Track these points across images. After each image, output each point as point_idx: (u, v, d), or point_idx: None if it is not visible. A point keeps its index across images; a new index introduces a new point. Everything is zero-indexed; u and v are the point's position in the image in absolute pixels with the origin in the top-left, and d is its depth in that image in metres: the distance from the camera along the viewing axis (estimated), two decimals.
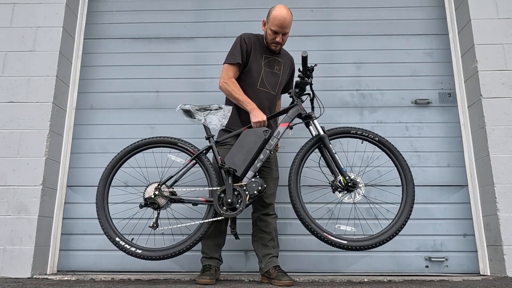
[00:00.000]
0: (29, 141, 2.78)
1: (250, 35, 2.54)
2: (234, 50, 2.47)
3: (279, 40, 2.46)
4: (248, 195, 2.23)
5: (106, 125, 3.11)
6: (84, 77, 3.20)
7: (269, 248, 2.45)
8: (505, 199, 2.65)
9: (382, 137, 2.38)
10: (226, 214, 2.22)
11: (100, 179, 2.38)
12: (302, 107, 2.41)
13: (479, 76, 2.84)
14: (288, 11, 2.44)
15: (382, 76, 3.15)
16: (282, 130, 2.35)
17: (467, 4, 2.99)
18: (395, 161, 2.35)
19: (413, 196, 2.28)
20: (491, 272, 2.71)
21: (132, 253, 2.24)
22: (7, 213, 2.66)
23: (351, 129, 2.37)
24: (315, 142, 2.34)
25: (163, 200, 2.29)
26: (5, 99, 2.85)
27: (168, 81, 3.18)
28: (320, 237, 2.19)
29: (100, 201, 2.35)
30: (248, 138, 2.32)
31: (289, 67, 2.66)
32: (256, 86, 2.49)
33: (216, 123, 2.36)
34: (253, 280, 2.55)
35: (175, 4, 3.34)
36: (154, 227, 2.27)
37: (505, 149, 2.72)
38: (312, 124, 2.36)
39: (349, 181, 2.23)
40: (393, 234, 2.20)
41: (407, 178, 2.30)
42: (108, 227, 2.29)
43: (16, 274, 2.58)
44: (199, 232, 2.26)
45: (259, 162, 2.30)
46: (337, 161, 2.28)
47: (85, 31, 3.28)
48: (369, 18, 3.26)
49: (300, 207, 2.23)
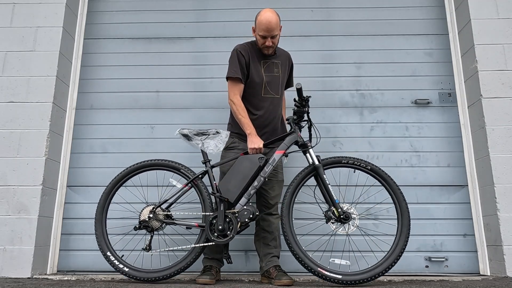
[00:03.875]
0: (29, 141, 2.78)
1: (244, 45, 2.54)
2: (232, 65, 2.48)
3: (269, 44, 2.47)
4: (240, 222, 2.25)
5: (106, 125, 3.11)
6: (84, 77, 3.20)
7: (270, 248, 2.46)
8: (505, 199, 2.65)
9: (375, 165, 2.35)
10: (216, 241, 2.24)
11: (102, 194, 2.47)
12: (299, 135, 2.40)
13: (479, 76, 2.84)
14: (273, 14, 2.43)
15: (382, 76, 3.15)
16: (278, 158, 2.35)
17: (467, 4, 2.99)
18: (389, 190, 2.31)
19: (409, 226, 2.24)
20: (491, 272, 2.71)
21: (120, 269, 2.31)
22: (7, 213, 2.66)
23: (342, 159, 2.35)
24: (309, 172, 2.34)
25: (157, 223, 2.34)
26: (5, 99, 2.85)
27: (168, 81, 3.18)
28: (314, 272, 2.17)
29: (99, 215, 2.43)
30: (243, 164, 2.33)
31: (287, 64, 2.67)
32: (261, 95, 2.52)
33: (213, 148, 2.38)
34: (253, 280, 2.56)
35: (175, 4, 3.34)
36: (147, 249, 2.34)
37: (505, 149, 2.72)
38: (308, 153, 2.36)
39: (341, 213, 2.22)
40: (390, 265, 2.17)
41: (401, 207, 2.26)
42: (102, 240, 2.38)
43: (16, 274, 2.58)
44: (190, 256, 2.29)
45: (253, 189, 2.30)
46: (330, 192, 2.27)
47: (85, 31, 3.28)
48: (369, 18, 3.26)
49: (293, 241, 2.22)
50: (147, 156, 2.99)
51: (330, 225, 2.28)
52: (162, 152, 3.01)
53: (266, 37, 2.44)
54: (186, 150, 3.01)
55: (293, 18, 3.27)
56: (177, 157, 2.98)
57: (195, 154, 2.98)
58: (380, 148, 3.01)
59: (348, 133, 3.04)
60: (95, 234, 2.39)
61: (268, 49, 2.51)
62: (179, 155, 2.98)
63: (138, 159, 2.95)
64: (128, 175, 2.49)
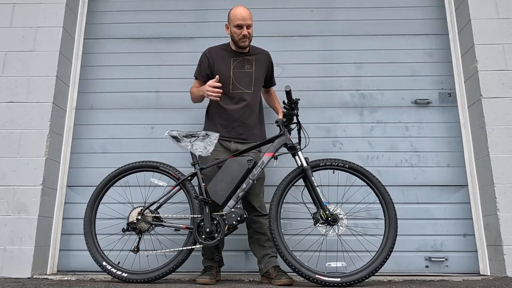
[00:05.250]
0: (29, 141, 2.78)
1: (212, 48, 2.67)
2: (198, 66, 2.67)
3: (245, 33, 2.52)
4: (227, 225, 2.25)
5: (106, 125, 3.11)
6: (84, 77, 3.20)
7: (266, 249, 2.46)
8: (505, 199, 2.65)
9: (353, 163, 2.33)
10: (204, 243, 2.24)
11: (87, 205, 2.44)
12: (288, 137, 2.40)
13: (479, 76, 2.84)
14: (243, 7, 2.58)
15: (382, 76, 3.15)
16: (267, 160, 2.35)
17: (467, 4, 2.99)
18: (370, 185, 2.31)
19: (395, 217, 2.23)
20: (491, 272, 2.71)
21: (118, 276, 2.30)
22: (7, 213, 2.66)
23: (320, 161, 2.35)
24: (297, 174, 2.33)
25: (145, 225, 2.34)
26: (5, 99, 2.85)
27: (168, 81, 3.18)
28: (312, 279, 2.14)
29: (87, 227, 2.40)
30: (231, 167, 2.33)
31: (264, 61, 2.68)
32: (229, 90, 2.57)
33: (202, 149, 2.37)
34: (253, 280, 2.56)
35: (175, 4, 3.34)
36: (135, 251, 2.33)
37: (505, 149, 2.72)
38: (297, 155, 2.35)
39: (329, 215, 2.21)
40: (384, 259, 2.16)
41: (385, 199, 2.26)
42: (96, 251, 2.37)
43: (16, 274, 2.58)
44: (179, 257, 2.29)
45: (241, 191, 2.30)
46: (318, 194, 2.26)
47: (85, 31, 3.28)
48: (369, 18, 3.26)
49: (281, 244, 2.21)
50: (147, 156, 2.99)
51: (319, 227, 2.29)
52: (162, 152, 3.02)
53: (242, 26, 2.52)
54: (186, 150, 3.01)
55: (293, 18, 3.27)
56: (177, 157, 2.98)
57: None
58: (380, 148, 3.01)
59: (348, 133, 3.04)
60: (87, 247, 2.37)
61: (245, 40, 2.55)
62: (179, 155, 2.98)
63: (138, 159, 2.96)
64: (121, 175, 2.46)
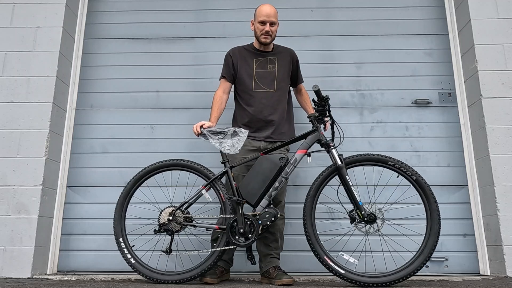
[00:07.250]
0: (29, 141, 2.77)
1: (235, 48, 2.68)
2: (223, 66, 2.66)
3: (268, 29, 2.54)
4: (261, 225, 2.21)
5: (106, 125, 3.11)
6: (84, 77, 3.20)
7: (270, 249, 2.47)
8: (505, 199, 2.65)
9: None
10: (238, 244, 2.21)
11: (116, 207, 2.39)
12: (322, 133, 2.33)
13: (479, 76, 2.84)
14: (270, 5, 2.59)
15: (382, 76, 3.15)
16: (299, 157, 2.28)
17: (467, 4, 2.99)
18: (417, 189, 2.26)
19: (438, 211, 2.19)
20: (491, 272, 2.71)
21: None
22: (7, 213, 2.66)
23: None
24: (331, 172, 2.26)
25: (177, 226, 2.30)
26: (5, 99, 2.85)
27: (168, 81, 3.17)
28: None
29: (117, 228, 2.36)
30: (263, 165, 2.27)
31: (287, 59, 2.67)
32: (251, 90, 2.57)
33: (230, 147, 2.30)
34: (253, 280, 2.56)
35: (175, 4, 3.34)
36: (168, 252, 2.29)
37: (505, 149, 2.72)
38: (331, 153, 2.28)
39: (365, 215, 2.17)
40: (420, 265, 2.13)
41: (431, 207, 2.20)
42: (127, 253, 2.32)
43: (16, 274, 2.58)
44: (210, 259, 2.25)
45: (274, 190, 2.25)
46: (353, 193, 2.19)
47: (85, 31, 3.28)
48: (369, 18, 3.26)
49: (317, 245, 2.19)
50: (147, 156, 2.99)
51: (355, 225, 2.22)
52: (162, 152, 3.02)
53: (265, 22, 2.53)
54: (186, 150, 3.02)
55: (293, 18, 3.27)
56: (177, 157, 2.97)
57: (195, 154, 2.98)
58: (380, 148, 3.01)
59: (348, 133, 3.04)
60: (118, 249, 2.33)
61: (266, 37, 2.56)
62: (179, 156, 2.98)
63: (138, 159, 2.96)
64: (149, 174, 2.43)
